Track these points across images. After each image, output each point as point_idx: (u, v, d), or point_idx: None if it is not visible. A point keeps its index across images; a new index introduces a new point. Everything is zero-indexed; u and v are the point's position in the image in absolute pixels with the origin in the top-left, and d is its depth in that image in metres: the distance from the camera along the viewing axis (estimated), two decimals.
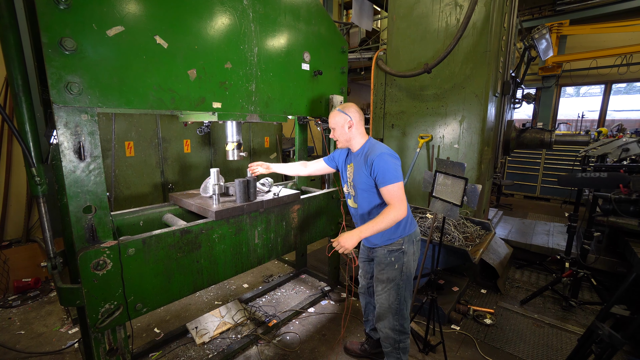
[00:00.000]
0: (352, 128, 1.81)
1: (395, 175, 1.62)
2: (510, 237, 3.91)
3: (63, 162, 1.32)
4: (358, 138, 1.83)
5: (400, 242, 1.78)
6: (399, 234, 1.78)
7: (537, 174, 6.81)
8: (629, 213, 1.83)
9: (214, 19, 1.74)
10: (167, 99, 1.60)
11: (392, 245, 1.79)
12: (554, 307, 2.94)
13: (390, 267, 1.80)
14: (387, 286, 1.82)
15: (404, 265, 1.79)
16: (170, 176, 3.85)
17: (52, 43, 1.22)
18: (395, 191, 1.62)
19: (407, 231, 1.79)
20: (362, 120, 1.84)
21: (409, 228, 1.80)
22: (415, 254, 1.83)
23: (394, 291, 1.81)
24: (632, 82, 6.89)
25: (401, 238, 1.79)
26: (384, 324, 1.87)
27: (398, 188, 1.62)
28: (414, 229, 1.83)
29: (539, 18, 6.78)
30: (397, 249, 1.79)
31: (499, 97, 3.53)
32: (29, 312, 2.76)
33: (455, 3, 3.15)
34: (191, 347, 2.34)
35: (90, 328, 1.41)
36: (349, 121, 1.80)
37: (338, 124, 1.82)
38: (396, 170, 1.63)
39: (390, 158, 1.65)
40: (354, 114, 1.81)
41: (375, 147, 1.74)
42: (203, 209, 1.94)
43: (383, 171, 1.62)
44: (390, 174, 1.62)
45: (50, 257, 1.51)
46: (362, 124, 1.84)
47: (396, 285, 1.81)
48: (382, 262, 1.83)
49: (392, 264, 1.80)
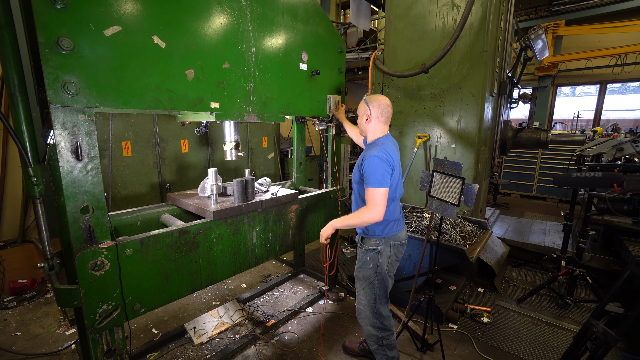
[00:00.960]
0: (369, 122, 1.81)
1: (379, 180, 1.62)
2: (507, 236, 3.94)
3: (60, 162, 1.31)
4: (373, 133, 1.84)
5: (377, 242, 1.81)
6: (376, 234, 1.81)
7: (534, 174, 6.86)
8: (623, 212, 1.85)
9: (211, 18, 1.74)
10: (164, 99, 1.59)
11: (368, 244, 1.83)
12: (550, 305, 2.97)
13: (366, 266, 1.84)
14: (364, 284, 1.87)
15: (378, 266, 1.81)
16: (168, 176, 3.84)
17: (48, 43, 1.21)
18: (374, 195, 1.63)
19: (386, 233, 1.81)
20: (384, 117, 1.81)
21: (388, 230, 1.81)
22: (392, 257, 1.83)
23: (369, 290, 1.86)
24: (627, 82, 6.96)
25: (378, 239, 1.81)
26: (364, 321, 1.93)
27: (377, 193, 1.62)
28: (395, 232, 1.83)
29: (535, 18, 6.83)
30: (373, 249, 1.82)
31: (496, 96, 3.56)
32: (25, 314, 2.74)
33: (452, 3, 3.17)
34: (189, 348, 2.34)
35: (88, 329, 1.41)
36: (367, 114, 1.80)
37: (360, 113, 1.84)
38: (382, 175, 1.63)
39: (380, 162, 1.65)
40: (375, 109, 1.78)
41: (377, 147, 1.72)
42: (201, 209, 1.94)
43: (369, 173, 1.64)
44: (375, 178, 1.62)
45: (47, 257, 1.51)
46: (381, 120, 1.81)
47: (371, 284, 1.84)
48: (360, 259, 1.89)
49: (367, 263, 1.84)
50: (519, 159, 6.99)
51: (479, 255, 2.71)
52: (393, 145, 1.82)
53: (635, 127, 6.02)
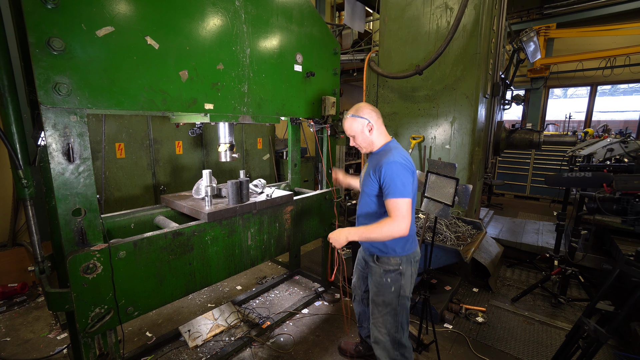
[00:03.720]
0: (373, 130, 1.66)
1: (403, 190, 1.47)
2: (501, 236, 3.97)
3: (51, 164, 1.29)
4: (380, 139, 1.70)
5: (398, 261, 1.62)
6: (397, 252, 1.62)
7: (527, 174, 6.94)
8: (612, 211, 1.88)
9: (205, 19, 1.73)
10: (158, 100, 1.58)
11: (388, 264, 1.63)
12: (543, 304, 3.00)
13: (387, 290, 1.64)
14: (384, 310, 1.67)
15: (401, 288, 1.62)
16: (161, 178, 3.81)
17: (39, 43, 1.20)
18: (399, 206, 1.47)
19: (407, 250, 1.63)
20: (381, 118, 1.70)
21: (409, 247, 1.64)
22: (413, 276, 1.67)
23: (390, 317, 1.66)
24: (616, 84, 7.09)
25: (399, 257, 1.62)
26: (381, 353, 1.72)
27: (403, 203, 1.47)
28: (414, 248, 1.68)
29: (527, 21, 6.94)
30: (394, 269, 1.62)
31: (489, 98, 3.60)
32: (15, 319, 2.69)
33: (445, 6, 3.20)
34: (184, 351, 2.32)
35: (80, 333, 1.39)
36: (367, 124, 1.65)
37: (357, 131, 1.66)
38: (404, 185, 1.48)
39: (401, 169, 1.49)
40: (370, 114, 1.65)
41: (392, 152, 1.58)
42: (195, 210, 1.93)
43: (390, 182, 1.49)
44: (397, 187, 1.47)
45: (38, 261, 1.48)
46: (381, 122, 1.70)
47: (393, 311, 1.65)
48: (378, 282, 1.67)
49: (388, 286, 1.63)
50: (513, 160, 7.07)
51: (473, 256, 2.73)
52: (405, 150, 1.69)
53: (624, 128, 6.14)
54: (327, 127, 2.74)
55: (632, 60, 6.27)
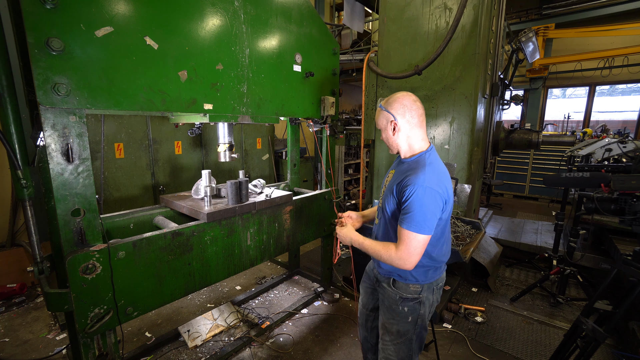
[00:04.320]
0: (397, 132, 1.35)
1: (422, 224, 1.21)
2: (500, 236, 3.98)
3: (50, 164, 1.29)
4: (408, 144, 1.38)
5: (418, 289, 1.38)
6: (419, 280, 1.38)
7: (526, 174, 6.96)
8: (610, 211, 1.89)
9: (205, 20, 1.73)
10: (157, 101, 1.58)
11: (406, 291, 1.40)
12: (542, 304, 3.01)
13: (403, 319, 1.41)
14: (397, 339, 1.44)
15: (419, 318, 1.40)
16: (161, 178, 3.80)
17: (38, 43, 1.20)
18: (411, 241, 1.23)
19: (430, 278, 1.39)
20: (417, 118, 1.34)
21: (432, 275, 1.40)
22: (434, 305, 1.45)
23: (404, 346, 1.43)
24: (614, 84, 7.11)
25: (419, 285, 1.38)
26: None
27: (416, 240, 1.23)
28: (439, 275, 1.44)
29: (526, 21, 6.95)
30: (413, 298, 1.38)
31: (488, 98, 3.60)
32: (14, 319, 2.69)
33: (444, 6, 3.21)
34: (183, 351, 2.32)
35: (79, 333, 1.39)
36: (391, 121, 1.35)
37: (382, 125, 1.41)
38: (425, 219, 1.21)
39: (430, 198, 1.21)
40: (400, 110, 1.33)
41: (425, 170, 1.26)
42: (195, 210, 1.93)
43: (410, 209, 1.23)
44: (416, 219, 1.21)
45: (37, 261, 1.48)
46: (416, 122, 1.34)
47: (408, 341, 1.43)
48: (392, 309, 1.43)
49: (404, 316, 1.40)
50: (512, 160, 7.08)
51: (472, 255, 2.74)
52: (443, 165, 1.37)
53: (623, 128, 6.16)
54: (327, 127, 2.75)
55: (630, 60, 6.29)
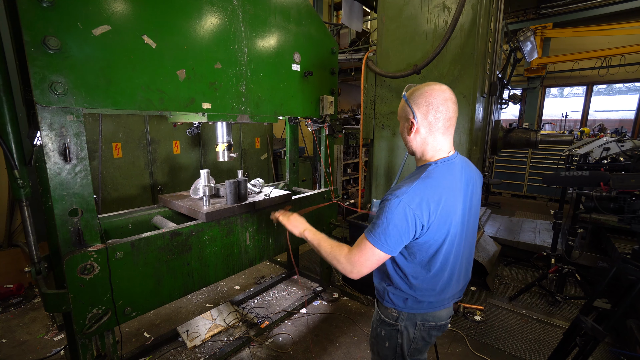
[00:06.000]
0: (415, 133, 1.15)
1: (379, 236, 1.07)
2: (499, 235, 3.99)
3: (47, 164, 1.28)
4: (423, 154, 1.18)
5: (396, 315, 1.25)
6: (396, 305, 1.23)
7: (524, 173, 6.98)
8: (609, 210, 1.89)
9: (203, 19, 1.72)
10: (155, 100, 1.57)
11: (384, 314, 1.29)
12: (541, 302, 3.02)
13: (381, 342, 1.31)
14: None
15: (397, 347, 1.27)
16: (159, 178, 3.79)
17: (34, 42, 1.19)
18: (363, 249, 1.10)
19: (409, 308, 1.22)
20: (440, 124, 1.12)
21: (411, 305, 1.21)
22: (418, 342, 1.26)
23: None
24: (612, 83, 7.15)
25: (397, 311, 1.24)
26: None
27: (368, 250, 1.09)
28: (426, 310, 1.22)
29: (524, 21, 6.97)
30: (390, 323, 1.26)
31: (487, 97, 3.61)
32: (11, 320, 2.67)
33: (443, 5, 3.21)
34: (182, 351, 2.31)
35: (77, 334, 1.38)
36: (410, 119, 1.15)
37: (400, 117, 1.21)
38: (386, 233, 1.06)
39: (400, 215, 1.04)
40: (422, 108, 1.12)
41: (413, 183, 1.08)
42: (193, 210, 1.92)
43: (377, 217, 1.10)
44: (376, 229, 1.08)
45: (34, 262, 1.47)
46: (435, 129, 1.13)
47: None
48: (374, 326, 1.36)
49: (382, 339, 1.30)
50: (510, 159, 7.11)
51: None
52: (452, 181, 1.13)
53: (620, 127, 6.18)
54: (325, 126, 2.74)
55: (627, 60, 6.33)
